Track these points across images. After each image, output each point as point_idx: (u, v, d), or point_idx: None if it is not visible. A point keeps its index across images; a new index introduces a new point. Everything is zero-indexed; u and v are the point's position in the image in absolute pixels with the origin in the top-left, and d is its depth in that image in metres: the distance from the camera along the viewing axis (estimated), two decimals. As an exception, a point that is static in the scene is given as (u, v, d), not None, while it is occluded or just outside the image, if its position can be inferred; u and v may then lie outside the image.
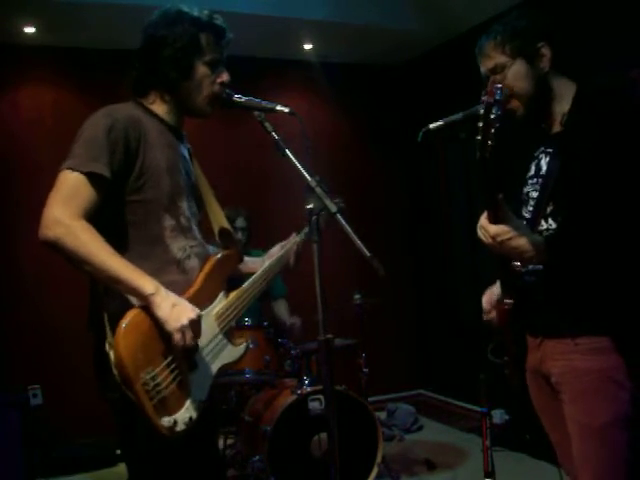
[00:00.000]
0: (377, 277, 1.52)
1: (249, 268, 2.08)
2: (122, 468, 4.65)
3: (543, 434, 1.96)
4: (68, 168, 1.59)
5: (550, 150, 1.80)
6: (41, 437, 3.99)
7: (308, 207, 1.61)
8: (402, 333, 5.39)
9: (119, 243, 1.65)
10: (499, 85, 1.46)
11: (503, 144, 1.61)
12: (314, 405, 3.18)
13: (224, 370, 1.83)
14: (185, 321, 1.58)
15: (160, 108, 1.80)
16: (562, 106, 1.78)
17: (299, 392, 3.19)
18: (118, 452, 4.24)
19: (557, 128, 1.80)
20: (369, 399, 3.62)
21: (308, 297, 1.88)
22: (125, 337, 1.54)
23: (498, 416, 4.12)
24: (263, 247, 2.45)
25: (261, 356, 3.33)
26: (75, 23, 4.09)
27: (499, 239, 1.63)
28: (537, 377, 1.87)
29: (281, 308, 4.01)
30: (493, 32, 1.80)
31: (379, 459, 3.29)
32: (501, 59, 1.76)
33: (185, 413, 1.63)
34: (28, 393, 4.15)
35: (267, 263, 2.05)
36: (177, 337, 1.59)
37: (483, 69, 1.84)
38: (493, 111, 1.45)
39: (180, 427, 1.60)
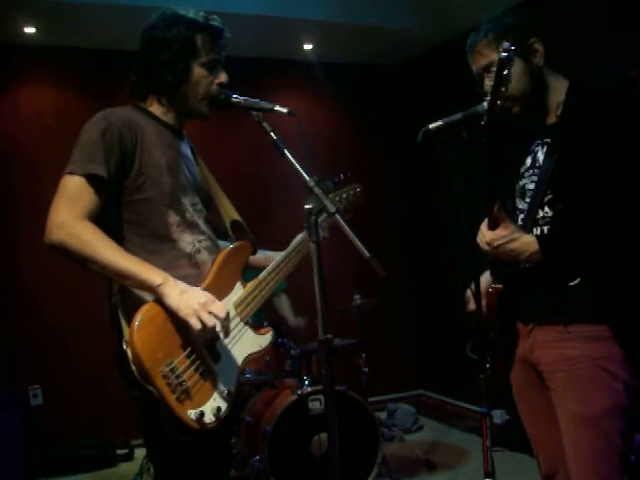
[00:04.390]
0: (377, 277, 1.52)
1: (261, 261, 2.07)
2: (122, 468, 4.66)
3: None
4: (68, 173, 1.63)
5: (547, 140, 1.81)
6: (41, 437, 3.99)
7: (307, 207, 1.61)
8: (402, 333, 5.38)
9: (127, 242, 1.69)
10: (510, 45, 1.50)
11: (498, 141, 1.62)
12: (314, 405, 3.18)
13: (251, 359, 1.82)
14: (196, 305, 1.58)
15: (158, 110, 1.82)
16: (557, 98, 1.78)
17: (299, 392, 3.19)
18: (118, 452, 4.24)
19: (552, 119, 1.80)
20: (369, 399, 3.62)
21: (308, 298, 1.88)
22: (139, 333, 1.53)
23: (498, 416, 4.12)
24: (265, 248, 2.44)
25: (261, 356, 3.33)
26: (75, 23, 4.09)
27: (495, 244, 1.73)
28: (525, 366, 1.86)
29: (282, 303, 3.97)
30: (484, 30, 1.80)
31: (379, 459, 3.29)
32: (494, 56, 1.74)
33: (213, 404, 1.62)
34: (28, 393, 4.15)
35: (287, 250, 2.02)
36: (193, 321, 1.57)
37: (475, 67, 1.84)
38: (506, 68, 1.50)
39: (209, 418, 1.59)
